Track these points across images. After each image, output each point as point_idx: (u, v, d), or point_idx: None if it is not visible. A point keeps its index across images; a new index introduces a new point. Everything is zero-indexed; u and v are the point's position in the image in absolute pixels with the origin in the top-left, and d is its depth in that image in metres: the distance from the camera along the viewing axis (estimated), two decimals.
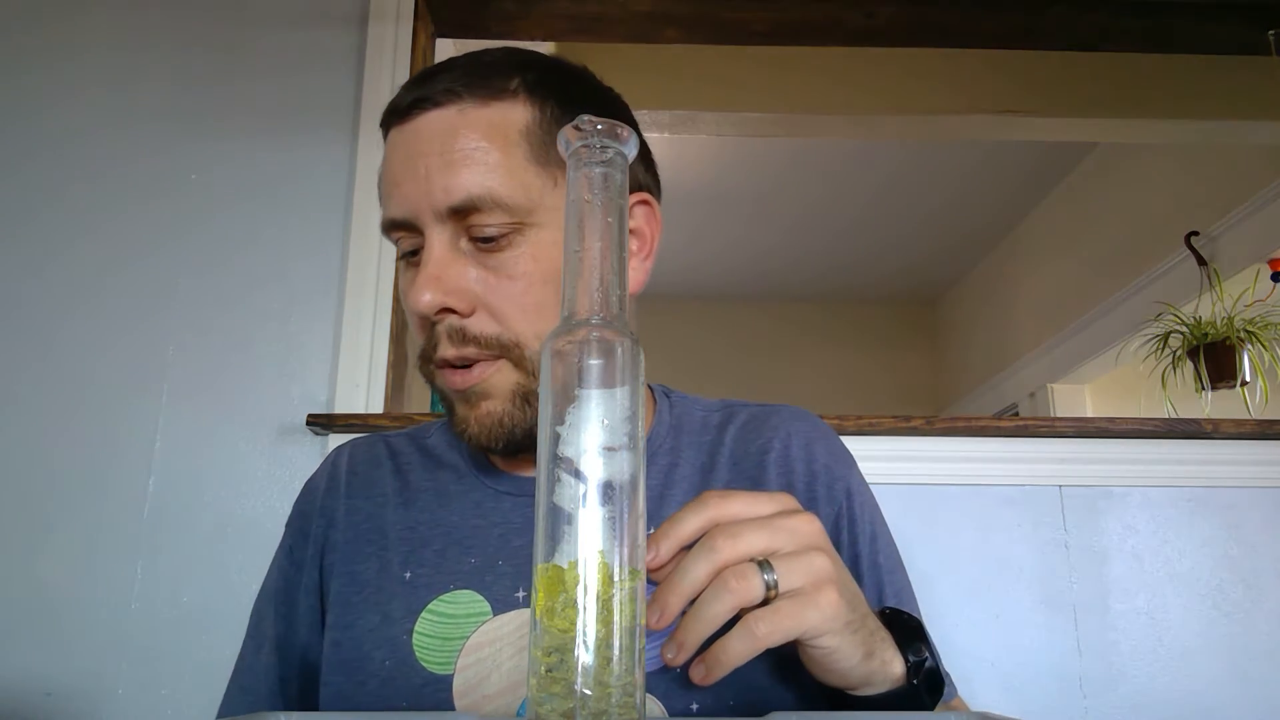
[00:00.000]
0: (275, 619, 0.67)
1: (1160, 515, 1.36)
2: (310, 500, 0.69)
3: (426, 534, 0.63)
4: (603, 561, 0.35)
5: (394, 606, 0.60)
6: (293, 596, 0.66)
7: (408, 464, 0.69)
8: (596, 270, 0.39)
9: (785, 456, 0.66)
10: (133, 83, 1.56)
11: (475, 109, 0.58)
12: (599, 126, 0.39)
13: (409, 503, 0.66)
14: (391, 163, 0.59)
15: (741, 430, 0.68)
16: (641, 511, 0.37)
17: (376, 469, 0.69)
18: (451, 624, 0.58)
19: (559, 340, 0.38)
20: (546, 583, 0.36)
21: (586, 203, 0.39)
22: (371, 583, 0.62)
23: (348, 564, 0.64)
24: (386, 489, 0.67)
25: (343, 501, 0.67)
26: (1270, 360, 2.49)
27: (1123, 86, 2.46)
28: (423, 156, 0.57)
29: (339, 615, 0.62)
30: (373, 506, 0.66)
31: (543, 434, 0.37)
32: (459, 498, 0.65)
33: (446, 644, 0.58)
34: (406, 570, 0.61)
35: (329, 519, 0.67)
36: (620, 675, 0.34)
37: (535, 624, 0.36)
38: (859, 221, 4.20)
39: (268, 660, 0.66)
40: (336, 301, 1.46)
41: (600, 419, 0.36)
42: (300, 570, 0.67)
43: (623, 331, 0.38)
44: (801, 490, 0.65)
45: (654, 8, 1.81)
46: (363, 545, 0.64)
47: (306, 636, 0.65)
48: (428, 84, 0.59)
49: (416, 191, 0.57)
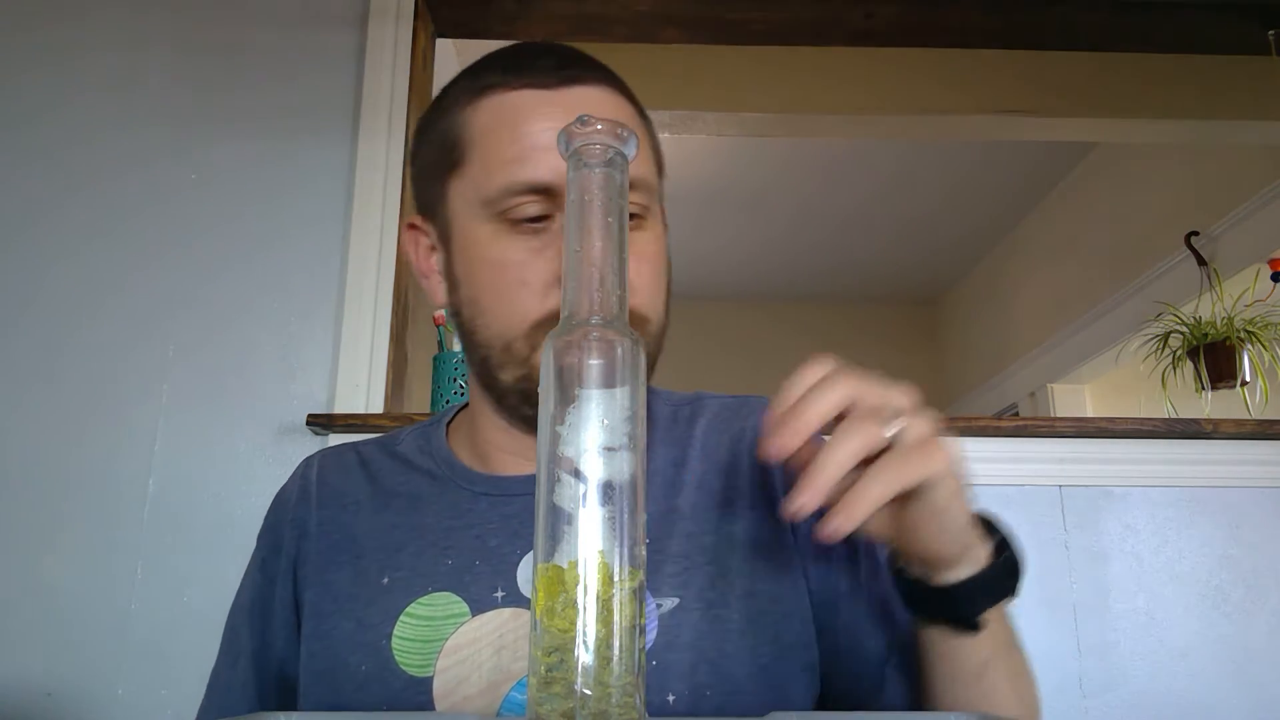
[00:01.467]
0: (250, 633, 0.66)
1: (1160, 515, 1.36)
2: (281, 512, 0.69)
3: (402, 538, 0.63)
4: (603, 561, 0.35)
5: (371, 612, 0.60)
6: (268, 609, 0.66)
7: (379, 470, 0.68)
8: (597, 270, 0.39)
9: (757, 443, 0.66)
10: (132, 83, 1.56)
11: (617, 95, 0.61)
12: (599, 126, 0.39)
13: (383, 508, 0.65)
14: (531, 126, 0.57)
15: (712, 422, 0.68)
16: (642, 511, 0.37)
17: (347, 477, 0.68)
18: (430, 626, 0.58)
19: (559, 340, 0.38)
20: (546, 583, 0.36)
21: (587, 203, 0.39)
22: (346, 590, 0.62)
23: (321, 573, 0.63)
24: (359, 495, 0.66)
25: (314, 512, 0.66)
26: (1270, 360, 2.49)
27: (1123, 86, 2.45)
28: None
29: (315, 625, 0.61)
30: (346, 515, 0.65)
31: (543, 434, 0.37)
32: (434, 500, 0.64)
33: (426, 646, 0.58)
34: (384, 575, 0.61)
35: (300, 530, 0.66)
36: (620, 675, 0.34)
37: (535, 624, 0.36)
38: (859, 221, 4.20)
39: (244, 675, 0.65)
40: (336, 302, 1.46)
41: (600, 419, 0.36)
42: (273, 583, 0.66)
43: (623, 331, 0.38)
44: (777, 475, 0.65)
45: (654, 8, 1.81)
46: (336, 554, 0.64)
47: (283, 650, 0.65)
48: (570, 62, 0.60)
49: None
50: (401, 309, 1.49)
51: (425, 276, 0.66)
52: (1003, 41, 1.93)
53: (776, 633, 0.59)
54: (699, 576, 0.59)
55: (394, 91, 1.55)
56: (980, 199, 3.99)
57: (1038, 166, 3.74)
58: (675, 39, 1.88)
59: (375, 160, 1.51)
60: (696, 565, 0.59)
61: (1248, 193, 2.78)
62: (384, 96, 1.55)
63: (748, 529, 0.62)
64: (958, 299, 4.87)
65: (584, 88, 0.59)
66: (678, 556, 0.59)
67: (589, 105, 0.58)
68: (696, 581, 0.58)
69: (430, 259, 0.66)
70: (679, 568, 0.59)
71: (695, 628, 0.57)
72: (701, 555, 0.60)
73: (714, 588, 0.58)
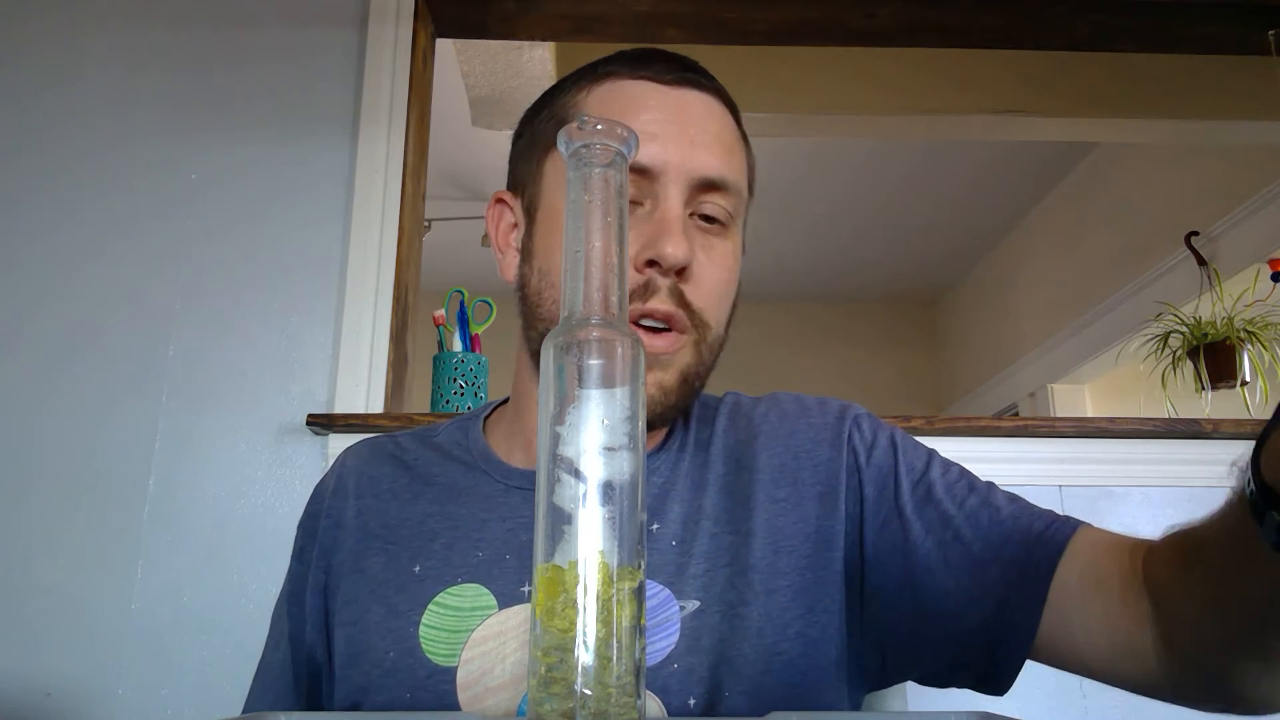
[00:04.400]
0: (289, 618, 0.68)
1: (1160, 515, 1.36)
2: (318, 503, 0.70)
3: (435, 527, 0.64)
4: (603, 562, 0.35)
5: (401, 599, 0.61)
6: (301, 597, 0.67)
7: (416, 460, 0.69)
8: (597, 271, 0.39)
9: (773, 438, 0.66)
10: (132, 83, 1.56)
11: (724, 109, 0.65)
12: (599, 126, 0.39)
13: (418, 497, 0.66)
14: (641, 114, 0.60)
15: (732, 418, 0.69)
16: (642, 511, 0.37)
17: (384, 466, 0.70)
18: (457, 616, 0.59)
19: (559, 340, 0.38)
20: (546, 583, 0.36)
21: (587, 203, 0.39)
22: (379, 577, 0.63)
23: (357, 560, 0.65)
24: (395, 485, 0.68)
25: (351, 502, 0.68)
26: (1270, 360, 2.49)
27: (1123, 86, 2.46)
28: (692, 124, 0.61)
29: (348, 611, 0.63)
30: (381, 503, 0.67)
31: (542, 433, 0.37)
32: (467, 492, 0.65)
33: (452, 636, 0.58)
34: (416, 564, 0.62)
35: (336, 520, 0.68)
36: (620, 675, 0.34)
37: (535, 624, 0.36)
38: (858, 221, 4.20)
39: (284, 656, 0.68)
40: (336, 302, 1.46)
41: (600, 419, 0.36)
42: (308, 571, 0.67)
43: (623, 331, 0.38)
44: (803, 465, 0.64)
45: (654, 8, 1.81)
46: (371, 542, 0.65)
47: (312, 636, 0.66)
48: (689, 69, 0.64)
49: (674, 148, 0.60)
50: (401, 309, 1.49)
51: (501, 251, 0.69)
52: (1003, 41, 1.92)
53: (800, 629, 0.58)
54: (720, 577, 0.59)
55: (394, 91, 1.55)
56: (980, 199, 3.99)
57: (1038, 166, 3.74)
58: (675, 39, 1.88)
59: (375, 160, 1.51)
60: (718, 565, 0.59)
61: (1248, 193, 2.78)
62: (384, 96, 1.55)
63: (768, 524, 0.61)
64: (958, 299, 4.87)
65: (696, 92, 0.63)
66: (701, 557, 0.60)
67: (697, 109, 0.63)
68: (718, 583, 0.59)
69: (510, 235, 0.68)
70: (702, 568, 0.59)
71: (716, 630, 0.57)
72: (723, 555, 0.60)
73: (733, 588, 0.59)
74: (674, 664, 0.55)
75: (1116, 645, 0.51)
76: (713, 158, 0.61)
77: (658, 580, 0.58)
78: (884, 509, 0.61)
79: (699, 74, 0.64)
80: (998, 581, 0.55)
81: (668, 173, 0.59)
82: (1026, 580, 0.54)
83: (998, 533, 0.57)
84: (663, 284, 0.59)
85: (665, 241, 0.57)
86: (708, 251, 0.61)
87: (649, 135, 0.58)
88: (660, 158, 0.59)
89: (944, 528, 0.58)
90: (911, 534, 0.59)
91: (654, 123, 0.60)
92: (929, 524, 0.59)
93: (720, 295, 0.62)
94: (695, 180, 0.60)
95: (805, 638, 0.58)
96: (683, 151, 0.60)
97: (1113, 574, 0.52)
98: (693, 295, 0.60)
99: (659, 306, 0.58)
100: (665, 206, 0.59)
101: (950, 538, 0.58)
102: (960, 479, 0.62)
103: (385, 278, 1.46)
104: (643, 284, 0.58)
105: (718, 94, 0.65)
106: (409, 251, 1.52)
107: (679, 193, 0.60)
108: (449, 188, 3.68)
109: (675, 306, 0.59)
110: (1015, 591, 0.54)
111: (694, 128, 0.61)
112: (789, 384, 1.83)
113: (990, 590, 0.55)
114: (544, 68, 2.33)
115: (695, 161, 0.60)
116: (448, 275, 2.58)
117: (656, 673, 0.55)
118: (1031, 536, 0.56)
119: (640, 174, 0.59)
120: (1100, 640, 0.52)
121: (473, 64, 2.30)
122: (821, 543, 0.61)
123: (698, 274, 0.60)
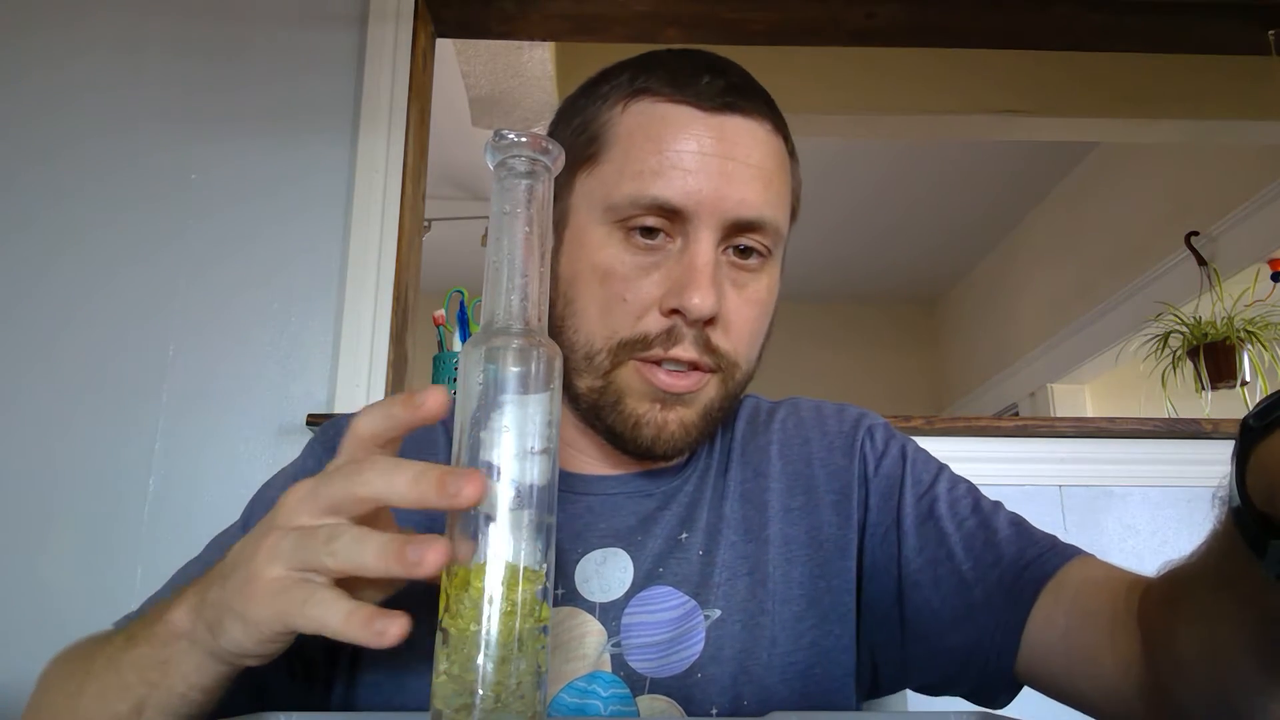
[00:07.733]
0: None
1: (1160, 515, 1.36)
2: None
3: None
4: (509, 563, 0.36)
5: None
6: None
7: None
8: (518, 281, 0.40)
9: (789, 446, 0.67)
10: (132, 83, 1.56)
11: (773, 134, 0.60)
12: (523, 139, 0.40)
13: None
14: (677, 144, 0.57)
15: (749, 426, 0.69)
16: (552, 514, 0.38)
17: (425, 456, 0.67)
18: None
19: (479, 347, 0.39)
20: (454, 583, 0.37)
21: (508, 214, 0.40)
22: None
23: None
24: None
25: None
26: (1270, 360, 2.49)
27: (1123, 86, 2.45)
28: (728, 158, 0.57)
29: None
30: None
31: (458, 437, 0.38)
32: None
33: None
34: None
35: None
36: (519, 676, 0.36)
37: (439, 623, 0.37)
38: (859, 221, 4.20)
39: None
40: (336, 301, 1.46)
41: (517, 425, 0.38)
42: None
43: (541, 340, 0.40)
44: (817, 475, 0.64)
45: (654, 8, 1.81)
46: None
47: None
48: (734, 88, 0.58)
49: (709, 187, 0.56)
50: (401, 308, 1.49)
51: None
52: (1003, 41, 1.92)
53: (814, 639, 0.59)
54: (740, 586, 0.59)
55: (394, 91, 1.55)
56: (980, 199, 3.99)
57: (1038, 166, 3.74)
58: (675, 39, 1.88)
59: (375, 160, 1.51)
60: (738, 575, 0.60)
61: (1248, 193, 2.78)
62: (384, 96, 1.54)
63: (782, 533, 0.62)
64: (958, 299, 4.87)
65: (739, 118, 0.58)
66: (722, 566, 0.60)
67: (740, 136, 0.58)
68: (738, 592, 0.59)
69: None
70: (724, 577, 0.59)
71: (737, 639, 0.57)
72: (743, 564, 0.60)
73: (753, 597, 0.59)
74: (698, 674, 0.56)
75: (1097, 686, 0.50)
76: (751, 194, 0.57)
77: (684, 591, 0.58)
78: (885, 521, 0.61)
79: (741, 95, 0.59)
80: (982, 604, 0.55)
81: (700, 215, 0.56)
82: (1009, 605, 0.54)
83: (990, 555, 0.57)
84: (687, 333, 0.56)
85: (692, 291, 0.54)
86: (740, 289, 0.58)
87: (683, 170, 0.56)
88: (694, 197, 0.56)
89: (938, 545, 0.59)
90: (905, 548, 0.60)
91: (689, 156, 0.56)
92: (924, 540, 0.59)
93: (752, 334, 0.60)
94: (729, 222, 0.57)
95: (819, 648, 0.58)
96: (718, 190, 0.56)
97: (1103, 610, 0.51)
98: (720, 340, 0.57)
99: (682, 354, 0.56)
100: (695, 250, 0.56)
101: (943, 556, 0.58)
102: (965, 497, 0.61)
103: (385, 278, 1.46)
104: (666, 329, 0.56)
105: (761, 115, 0.60)
106: (409, 251, 1.52)
107: (711, 235, 0.56)
108: (449, 188, 3.68)
109: (700, 354, 0.57)
110: (997, 615, 0.54)
111: (733, 161, 0.57)
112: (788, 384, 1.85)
113: (974, 612, 0.55)
114: (544, 68, 2.32)
115: (729, 202, 0.56)
116: (448, 275, 2.58)
117: (681, 682, 0.56)
118: (1023, 562, 0.55)
119: (672, 211, 0.56)
120: (1079, 675, 0.51)
121: (473, 64, 2.29)
122: (835, 551, 0.61)
123: (727, 317, 0.58)
